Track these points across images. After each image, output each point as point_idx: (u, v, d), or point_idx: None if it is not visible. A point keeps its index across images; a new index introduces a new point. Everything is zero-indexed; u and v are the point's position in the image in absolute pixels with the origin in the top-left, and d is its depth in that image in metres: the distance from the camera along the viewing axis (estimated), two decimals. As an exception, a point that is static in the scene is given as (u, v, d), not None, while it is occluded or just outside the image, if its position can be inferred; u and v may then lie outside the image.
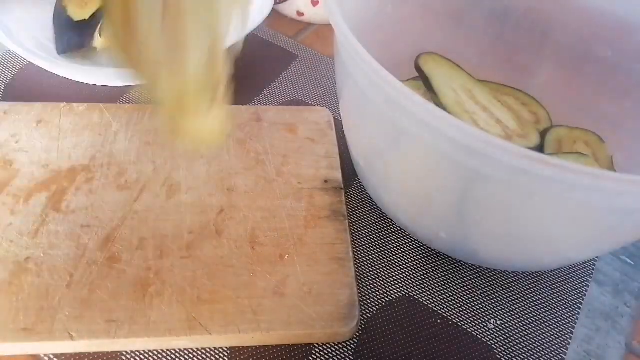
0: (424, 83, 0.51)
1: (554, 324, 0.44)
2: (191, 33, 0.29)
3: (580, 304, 0.46)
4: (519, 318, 0.44)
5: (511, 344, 0.43)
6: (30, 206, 0.43)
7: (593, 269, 0.48)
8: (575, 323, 0.45)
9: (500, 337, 0.43)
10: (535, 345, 0.43)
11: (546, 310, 0.45)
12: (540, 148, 0.49)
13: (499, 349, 0.42)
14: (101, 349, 0.37)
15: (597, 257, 0.49)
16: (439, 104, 0.49)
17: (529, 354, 0.43)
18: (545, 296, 0.46)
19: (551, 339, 0.44)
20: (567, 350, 0.43)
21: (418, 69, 0.51)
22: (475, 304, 0.45)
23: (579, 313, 0.45)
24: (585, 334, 0.45)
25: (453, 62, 0.53)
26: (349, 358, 0.40)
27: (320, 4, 0.68)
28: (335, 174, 0.49)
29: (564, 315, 0.45)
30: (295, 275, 0.41)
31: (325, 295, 0.41)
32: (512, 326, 0.44)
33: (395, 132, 0.37)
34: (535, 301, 0.46)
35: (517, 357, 0.42)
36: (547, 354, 0.43)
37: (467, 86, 0.51)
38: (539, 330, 0.44)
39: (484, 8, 0.56)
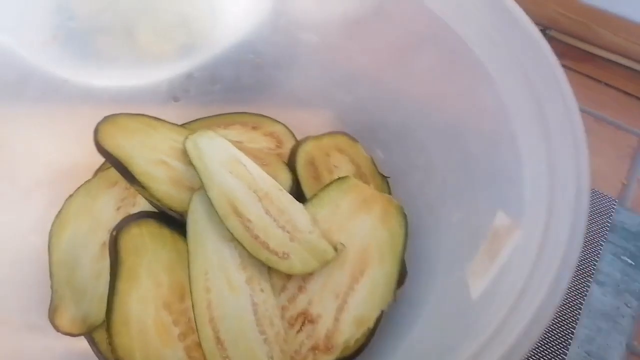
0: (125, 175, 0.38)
1: (555, 324, 0.44)
2: None
3: (581, 304, 0.45)
4: None
5: None
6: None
7: (594, 270, 0.48)
8: (576, 323, 0.44)
9: None
10: (536, 346, 0.43)
11: None
12: (297, 183, 0.42)
13: None
14: None
15: (597, 258, 0.48)
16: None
17: (529, 354, 0.42)
18: None
19: (552, 340, 0.43)
20: (567, 350, 0.43)
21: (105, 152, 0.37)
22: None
23: (579, 313, 0.45)
24: (586, 335, 0.44)
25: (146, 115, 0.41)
26: None
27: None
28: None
29: (564, 315, 0.44)
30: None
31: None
32: None
33: None
34: None
35: None
36: (548, 355, 0.42)
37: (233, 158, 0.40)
38: None
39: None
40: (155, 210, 0.39)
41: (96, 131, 0.38)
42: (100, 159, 0.42)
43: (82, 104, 0.43)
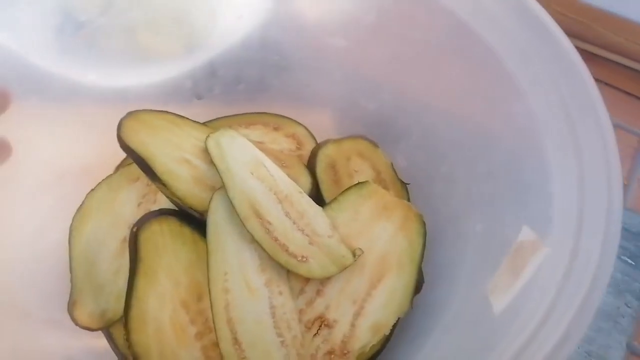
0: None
1: None
2: None
3: None
4: None
5: None
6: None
7: None
8: None
9: None
10: None
11: None
12: (316, 186, 0.42)
13: None
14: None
15: None
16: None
17: None
18: None
19: None
20: None
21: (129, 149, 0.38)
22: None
23: None
24: (587, 335, 0.44)
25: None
26: None
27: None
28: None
29: None
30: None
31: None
32: None
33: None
34: None
35: None
36: None
37: (257, 160, 0.39)
38: None
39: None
40: (176, 208, 0.39)
41: (119, 127, 0.39)
42: (115, 156, 0.43)
43: (103, 102, 0.43)
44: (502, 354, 0.25)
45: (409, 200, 0.44)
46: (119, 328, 0.36)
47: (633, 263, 0.48)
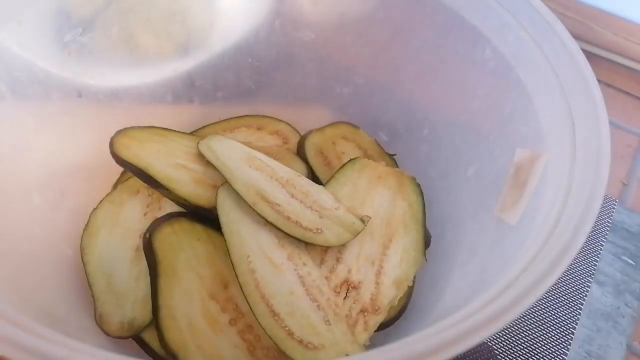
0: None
1: (555, 324, 0.44)
2: None
3: (582, 304, 0.46)
4: (519, 319, 0.44)
5: (512, 345, 0.43)
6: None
7: (594, 270, 0.48)
8: (576, 323, 0.44)
9: (501, 338, 0.43)
10: (536, 346, 0.43)
11: (547, 311, 0.45)
12: (311, 171, 0.45)
13: (499, 350, 0.42)
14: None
15: (598, 258, 0.48)
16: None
17: (529, 355, 0.42)
18: (546, 297, 0.45)
19: (552, 340, 0.43)
20: (568, 350, 0.43)
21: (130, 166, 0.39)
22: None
23: (580, 313, 0.45)
24: (586, 335, 0.44)
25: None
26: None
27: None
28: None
29: (565, 315, 0.45)
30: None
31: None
32: (512, 327, 0.43)
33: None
34: (536, 302, 0.43)
35: (518, 358, 0.42)
36: (548, 355, 0.42)
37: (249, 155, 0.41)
38: (540, 331, 0.44)
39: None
40: (184, 210, 0.40)
41: (112, 144, 0.39)
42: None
43: (100, 102, 0.43)
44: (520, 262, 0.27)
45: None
46: (151, 333, 0.36)
47: (633, 263, 0.48)
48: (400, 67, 0.44)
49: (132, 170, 0.39)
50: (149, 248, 0.37)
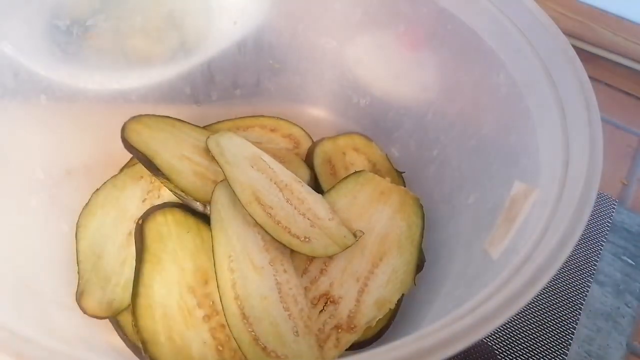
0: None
1: (555, 324, 0.44)
2: None
3: (582, 304, 0.45)
4: (519, 319, 0.44)
5: (512, 345, 0.42)
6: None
7: (594, 270, 0.48)
8: (577, 323, 0.44)
9: (501, 338, 0.43)
10: (537, 346, 0.42)
11: (547, 311, 0.44)
12: (314, 179, 0.44)
13: (499, 350, 0.42)
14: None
15: (598, 258, 0.49)
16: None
17: (530, 355, 0.42)
18: (546, 297, 0.45)
19: (552, 340, 0.43)
20: (568, 350, 0.42)
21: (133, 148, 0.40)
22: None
23: (580, 313, 0.44)
24: (586, 335, 0.44)
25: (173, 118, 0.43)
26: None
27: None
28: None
29: (565, 315, 0.44)
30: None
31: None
32: (513, 327, 0.43)
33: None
34: (536, 302, 0.45)
35: (518, 358, 0.42)
36: (548, 355, 0.42)
37: (255, 156, 0.41)
38: (540, 331, 0.43)
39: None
40: (180, 202, 0.40)
41: (124, 129, 0.41)
42: (113, 156, 0.44)
43: (102, 104, 0.44)
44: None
45: (405, 187, 0.45)
46: (127, 316, 0.36)
47: (633, 263, 0.49)
48: (418, 83, 0.43)
49: (137, 157, 0.40)
50: (139, 234, 0.38)
